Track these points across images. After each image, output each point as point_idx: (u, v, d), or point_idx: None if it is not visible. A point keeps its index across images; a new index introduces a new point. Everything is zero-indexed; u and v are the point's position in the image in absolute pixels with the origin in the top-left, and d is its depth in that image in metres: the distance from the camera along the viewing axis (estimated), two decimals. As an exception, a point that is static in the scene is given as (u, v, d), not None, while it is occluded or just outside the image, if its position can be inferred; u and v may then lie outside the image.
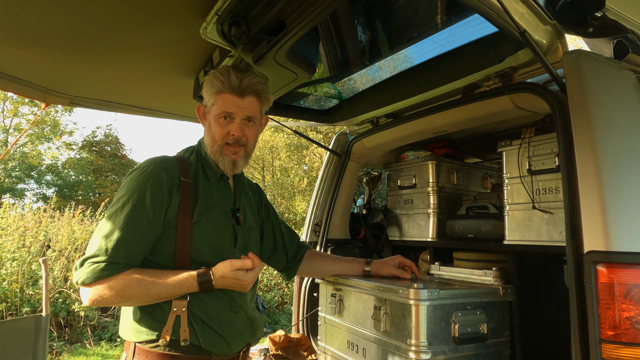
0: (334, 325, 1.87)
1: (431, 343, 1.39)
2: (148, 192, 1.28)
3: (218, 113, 1.39)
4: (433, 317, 1.40)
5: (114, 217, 1.26)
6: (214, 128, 1.41)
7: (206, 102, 1.44)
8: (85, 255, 1.24)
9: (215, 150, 1.41)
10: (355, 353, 1.69)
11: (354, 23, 2.27)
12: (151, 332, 1.26)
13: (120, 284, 1.21)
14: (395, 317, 1.48)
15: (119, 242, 1.22)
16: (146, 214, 1.26)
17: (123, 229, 1.23)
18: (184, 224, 1.31)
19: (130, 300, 1.23)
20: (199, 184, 1.40)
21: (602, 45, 1.61)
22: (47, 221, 6.83)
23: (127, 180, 1.33)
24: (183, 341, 1.25)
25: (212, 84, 1.39)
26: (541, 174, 1.99)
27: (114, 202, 1.30)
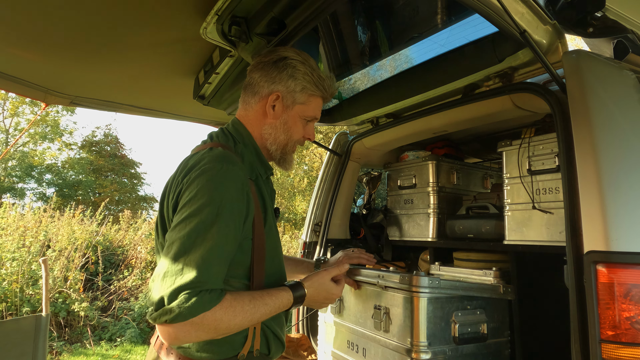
0: (333, 325, 1.87)
1: (431, 343, 1.39)
2: (232, 198, 1.06)
3: (307, 115, 1.28)
4: (433, 317, 1.40)
5: (204, 233, 1.00)
6: (294, 126, 1.27)
7: (290, 94, 1.24)
8: (178, 285, 0.95)
9: (289, 149, 1.30)
10: (355, 353, 1.69)
11: (354, 23, 2.27)
12: (233, 348, 1.11)
13: (226, 314, 1.00)
14: (396, 317, 1.48)
15: (216, 265, 1.00)
16: (234, 227, 1.05)
17: (219, 248, 1.01)
18: (259, 231, 1.14)
19: (232, 331, 1.05)
20: (259, 182, 1.22)
21: (602, 45, 1.61)
22: (47, 221, 6.83)
23: (203, 184, 1.05)
24: (256, 351, 1.15)
25: (318, 85, 1.27)
26: (541, 174, 1.99)
27: (193, 211, 1.02)
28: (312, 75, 1.26)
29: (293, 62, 1.24)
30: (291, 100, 1.25)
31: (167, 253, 1.00)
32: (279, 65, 1.24)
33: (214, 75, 1.92)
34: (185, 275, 0.96)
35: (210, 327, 0.98)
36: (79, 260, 6.10)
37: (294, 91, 1.25)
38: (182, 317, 0.94)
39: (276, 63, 1.24)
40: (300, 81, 1.25)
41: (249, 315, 1.05)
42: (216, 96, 2.13)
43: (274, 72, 1.24)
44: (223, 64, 1.82)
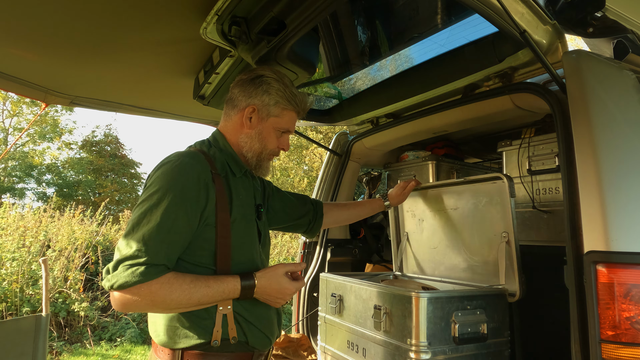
0: (333, 325, 1.87)
1: (431, 343, 1.39)
2: (184, 186, 1.18)
3: (281, 127, 1.40)
4: (433, 317, 1.40)
5: (149, 214, 1.13)
6: (268, 137, 1.39)
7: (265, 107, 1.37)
8: (120, 257, 1.09)
9: (263, 157, 1.41)
10: (355, 353, 1.69)
11: (354, 23, 2.27)
12: (202, 335, 1.19)
13: (161, 288, 1.09)
14: (396, 317, 1.48)
15: (158, 242, 1.11)
16: (184, 211, 1.16)
17: (161, 228, 1.12)
18: (223, 219, 1.24)
19: (169, 306, 1.13)
20: (229, 178, 1.33)
21: (602, 45, 1.61)
22: (47, 221, 6.84)
23: (158, 175, 1.20)
24: (232, 339, 1.22)
25: (289, 99, 1.38)
26: (541, 174, 1.99)
27: (146, 197, 1.17)
28: (284, 91, 1.37)
29: (268, 79, 1.37)
30: (266, 113, 1.37)
31: (126, 230, 1.14)
32: (256, 82, 1.37)
33: (214, 75, 1.92)
34: (127, 250, 1.09)
35: (147, 299, 1.09)
36: (79, 260, 6.10)
37: (268, 105, 1.37)
38: (119, 285, 1.07)
39: (253, 80, 1.38)
40: (273, 96, 1.36)
41: (187, 294, 1.13)
42: (216, 96, 2.13)
43: (250, 88, 1.37)
44: (223, 64, 1.82)
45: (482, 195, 1.84)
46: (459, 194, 1.96)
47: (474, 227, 1.88)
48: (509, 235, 1.68)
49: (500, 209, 1.74)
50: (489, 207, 1.80)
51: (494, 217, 1.78)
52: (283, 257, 8.28)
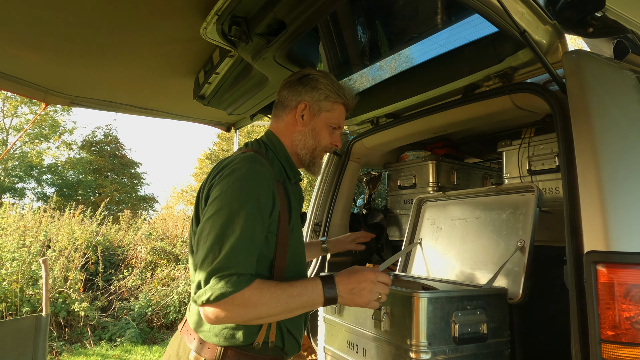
0: (333, 325, 1.87)
1: (431, 343, 1.39)
2: (259, 195, 1.18)
3: (333, 122, 1.42)
4: (433, 317, 1.40)
5: (232, 224, 1.12)
6: (321, 132, 1.41)
7: (316, 102, 1.38)
8: (211, 269, 1.08)
9: (317, 154, 1.42)
10: (355, 353, 1.69)
11: (354, 23, 2.27)
12: (249, 337, 1.21)
13: (253, 295, 1.09)
14: (396, 316, 1.48)
15: (245, 252, 1.11)
16: (260, 220, 1.17)
17: (246, 237, 1.12)
18: (284, 227, 1.25)
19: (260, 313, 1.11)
20: (286, 184, 1.34)
21: (602, 45, 1.61)
22: (47, 221, 6.84)
23: (231, 182, 1.18)
24: (271, 342, 1.24)
25: (338, 92, 1.40)
26: (541, 174, 1.99)
27: (223, 204, 1.15)
28: (332, 85, 1.40)
29: (315, 76, 1.40)
30: (317, 109, 1.39)
31: (204, 243, 1.12)
32: (303, 81, 1.40)
33: (214, 75, 1.92)
34: (217, 262, 1.08)
35: (241, 307, 1.08)
36: (79, 260, 6.10)
37: (319, 100, 1.39)
38: (215, 298, 1.06)
39: (301, 79, 1.40)
40: (322, 91, 1.39)
41: (286, 302, 1.13)
42: (216, 96, 2.13)
43: (299, 86, 1.40)
44: (223, 64, 1.82)
45: (509, 205, 1.86)
46: (484, 204, 1.98)
47: (491, 234, 1.89)
48: (525, 242, 1.70)
49: (523, 218, 1.77)
50: (512, 216, 1.82)
51: (514, 226, 1.80)
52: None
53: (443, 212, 2.19)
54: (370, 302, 1.23)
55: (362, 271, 1.24)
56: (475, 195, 2.05)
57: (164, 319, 6.13)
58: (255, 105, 2.22)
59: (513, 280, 1.69)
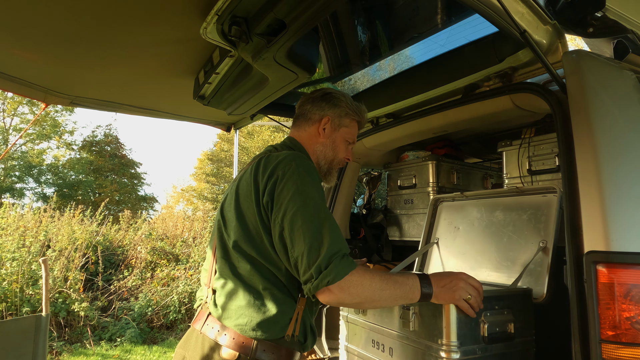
0: (356, 325, 1.86)
1: (462, 343, 1.39)
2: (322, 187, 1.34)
3: (349, 137, 1.57)
4: (464, 317, 1.40)
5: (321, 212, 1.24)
6: (340, 146, 1.56)
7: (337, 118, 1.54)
8: (325, 254, 1.17)
9: (334, 164, 1.56)
10: (382, 352, 1.69)
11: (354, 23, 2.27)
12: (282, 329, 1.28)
13: (366, 275, 1.20)
14: (425, 317, 1.48)
15: (341, 235, 1.23)
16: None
17: (334, 222, 1.24)
18: None
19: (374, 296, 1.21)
20: None
21: (602, 45, 1.61)
22: (47, 221, 6.84)
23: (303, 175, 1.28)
24: (295, 337, 1.30)
25: (357, 110, 1.56)
26: (541, 174, 1.99)
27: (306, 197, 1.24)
28: (350, 104, 1.56)
29: (336, 95, 1.56)
30: (338, 124, 1.55)
31: (303, 234, 1.19)
32: (326, 98, 1.56)
33: (214, 75, 1.92)
34: (328, 247, 1.18)
35: (358, 285, 1.19)
36: (79, 260, 6.10)
37: (340, 116, 1.55)
38: (339, 276, 1.16)
39: (323, 96, 1.56)
40: (343, 108, 1.55)
41: (384, 280, 1.22)
42: (216, 96, 2.13)
43: (322, 102, 1.55)
44: (223, 64, 1.82)
45: (530, 206, 1.85)
46: (503, 204, 1.97)
47: (511, 234, 1.89)
48: (548, 243, 1.70)
49: (545, 218, 1.76)
50: (533, 217, 1.82)
51: (535, 226, 1.79)
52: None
53: (461, 212, 2.17)
54: (460, 300, 1.31)
55: (454, 272, 1.35)
56: (494, 196, 2.04)
57: (164, 319, 6.13)
58: (255, 105, 2.22)
59: (536, 281, 1.69)
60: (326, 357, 2.51)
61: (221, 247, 1.38)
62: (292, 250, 1.21)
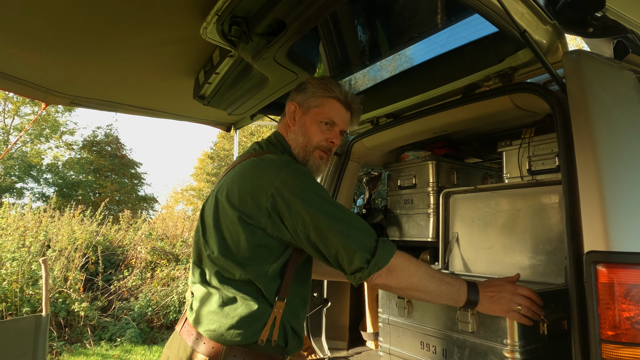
0: (401, 327, 1.85)
1: (525, 342, 1.39)
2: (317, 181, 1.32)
3: (322, 117, 1.44)
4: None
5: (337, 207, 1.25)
6: (311, 130, 1.44)
7: (305, 101, 1.45)
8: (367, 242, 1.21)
9: (308, 151, 1.44)
10: (433, 354, 1.68)
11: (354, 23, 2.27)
12: (254, 334, 1.24)
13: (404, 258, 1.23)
14: (485, 316, 1.47)
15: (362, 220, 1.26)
16: None
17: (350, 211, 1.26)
18: None
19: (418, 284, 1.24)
20: None
21: (602, 45, 1.61)
22: (47, 221, 6.84)
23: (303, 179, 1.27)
24: (274, 342, 1.26)
25: (326, 87, 1.44)
26: (541, 174, 1.99)
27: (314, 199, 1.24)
28: (320, 82, 1.45)
29: (307, 82, 1.49)
30: (306, 107, 1.45)
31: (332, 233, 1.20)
32: (296, 88, 1.52)
33: (214, 75, 1.92)
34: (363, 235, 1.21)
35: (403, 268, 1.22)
36: (79, 260, 6.10)
37: (307, 99, 1.46)
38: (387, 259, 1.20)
39: (296, 87, 1.52)
40: (309, 90, 1.46)
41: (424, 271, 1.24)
42: (216, 96, 2.13)
43: (294, 93, 1.51)
44: (223, 64, 1.82)
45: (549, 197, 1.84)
46: (522, 196, 1.95)
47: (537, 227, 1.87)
48: None
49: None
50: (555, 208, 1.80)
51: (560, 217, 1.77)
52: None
53: (478, 205, 2.15)
54: (510, 312, 1.28)
55: (501, 281, 1.31)
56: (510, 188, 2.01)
57: (164, 319, 6.13)
58: (255, 105, 2.22)
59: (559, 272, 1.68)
60: (326, 357, 2.51)
61: (197, 251, 1.38)
62: (327, 250, 1.22)
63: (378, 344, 2.01)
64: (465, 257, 2.16)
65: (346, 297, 2.80)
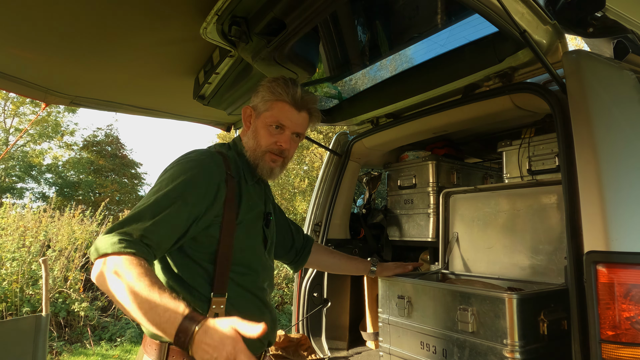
0: (401, 327, 1.86)
1: (525, 342, 1.40)
2: (194, 178, 1.23)
3: (271, 121, 1.40)
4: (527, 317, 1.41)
5: (151, 198, 1.17)
6: (261, 134, 1.41)
7: (257, 105, 1.44)
8: (118, 226, 1.10)
9: (257, 155, 1.42)
10: (433, 354, 1.68)
11: (354, 23, 2.27)
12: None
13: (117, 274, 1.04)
14: (485, 317, 1.48)
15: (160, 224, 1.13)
16: (185, 203, 1.19)
17: (157, 212, 1.13)
18: (230, 219, 1.29)
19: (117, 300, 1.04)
20: (242, 182, 1.39)
21: (602, 45, 1.61)
22: (47, 221, 6.83)
23: (173, 166, 1.27)
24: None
25: (272, 91, 1.40)
26: (541, 174, 1.99)
27: (154, 185, 1.22)
28: (270, 84, 1.42)
29: (261, 85, 1.45)
30: (258, 111, 1.44)
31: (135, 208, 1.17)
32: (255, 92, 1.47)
33: (214, 75, 1.92)
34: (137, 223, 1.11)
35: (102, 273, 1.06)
36: (79, 260, 6.10)
37: (258, 103, 1.44)
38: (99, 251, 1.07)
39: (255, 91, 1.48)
40: (260, 93, 1.44)
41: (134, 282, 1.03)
42: (216, 96, 2.13)
43: (252, 96, 1.48)
44: (223, 64, 1.82)
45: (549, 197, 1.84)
46: (523, 196, 1.96)
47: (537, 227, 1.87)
48: None
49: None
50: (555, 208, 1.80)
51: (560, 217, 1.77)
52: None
53: (478, 205, 2.15)
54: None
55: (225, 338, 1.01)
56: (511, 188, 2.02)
57: (164, 319, 6.12)
58: (255, 105, 2.22)
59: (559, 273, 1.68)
60: (326, 357, 2.51)
61: None
62: None
63: (378, 344, 2.01)
64: (465, 257, 2.16)
65: (346, 297, 2.80)
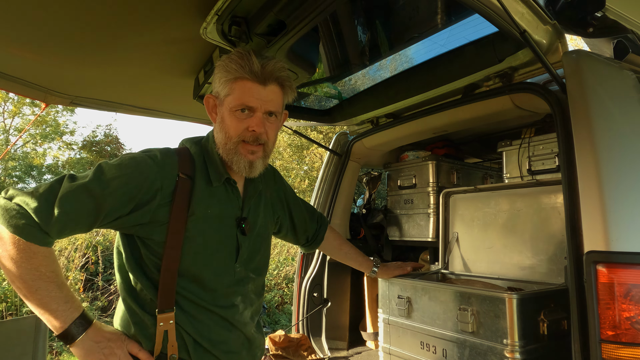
0: (401, 327, 1.86)
1: (525, 342, 1.40)
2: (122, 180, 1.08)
3: (235, 105, 1.17)
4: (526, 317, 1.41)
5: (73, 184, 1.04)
6: (228, 122, 1.19)
7: (218, 91, 1.21)
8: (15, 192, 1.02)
9: (229, 149, 1.20)
10: (433, 354, 1.69)
11: (354, 23, 2.27)
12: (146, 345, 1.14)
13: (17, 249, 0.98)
14: (485, 317, 1.48)
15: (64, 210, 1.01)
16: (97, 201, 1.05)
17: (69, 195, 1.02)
18: (176, 229, 1.14)
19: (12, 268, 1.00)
20: (199, 184, 1.21)
21: (602, 45, 1.61)
22: (47, 221, 6.83)
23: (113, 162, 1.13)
24: (171, 357, 1.13)
25: (227, 69, 1.17)
26: (541, 174, 1.99)
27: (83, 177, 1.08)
28: (224, 63, 1.19)
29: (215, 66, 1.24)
30: (221, 97, 1.22)
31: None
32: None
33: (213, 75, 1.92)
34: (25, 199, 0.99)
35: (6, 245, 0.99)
36: (79, 260, 6.10)
37: (218, 87, 1.22)
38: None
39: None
40: (216, 76, 1.22)
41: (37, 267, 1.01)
42: (216, 96, 2.12)
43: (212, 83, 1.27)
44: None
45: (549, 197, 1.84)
46: (523, 197, 1.96)
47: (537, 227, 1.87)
48: None
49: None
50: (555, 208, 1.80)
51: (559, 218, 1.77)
52: (283, 257, 8.28)
53: (478, 205, 2.15)
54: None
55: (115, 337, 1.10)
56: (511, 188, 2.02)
57: (164, 319, 6.12)
58: (255, 105, 2.21)
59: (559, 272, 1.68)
60: (326, 357, 2.51)
61: None
62: None
63: (378, 344, 2.01)
64: (465, 257, 2.17)
65: (346, 297, 2.80)
